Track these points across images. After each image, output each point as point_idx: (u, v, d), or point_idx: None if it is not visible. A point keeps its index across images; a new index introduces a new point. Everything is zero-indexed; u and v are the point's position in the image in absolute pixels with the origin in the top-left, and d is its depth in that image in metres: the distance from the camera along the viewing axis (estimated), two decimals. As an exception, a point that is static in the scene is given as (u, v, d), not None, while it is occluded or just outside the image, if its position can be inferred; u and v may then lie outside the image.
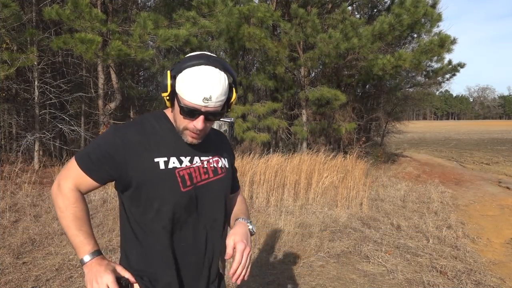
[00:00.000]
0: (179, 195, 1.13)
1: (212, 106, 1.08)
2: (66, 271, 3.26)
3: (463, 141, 24.39)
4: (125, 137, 1.12)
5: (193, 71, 1.06)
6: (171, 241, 1.16)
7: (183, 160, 1.17)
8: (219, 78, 1.08)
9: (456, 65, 11.10)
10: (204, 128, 1.13)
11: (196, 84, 1.05)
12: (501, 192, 7.85)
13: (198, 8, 7.66)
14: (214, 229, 1.24)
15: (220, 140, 1.36)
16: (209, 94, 1.05)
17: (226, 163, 1.30)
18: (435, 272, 3.56)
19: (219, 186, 1.24)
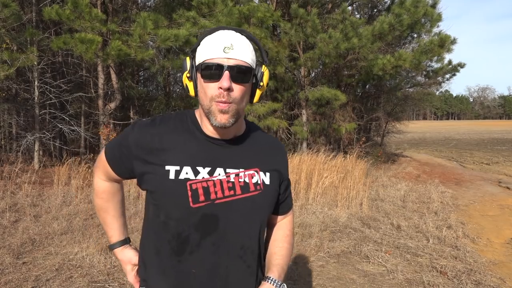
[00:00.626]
0: (186, 211, 0.96)
1: (236, 58, 0.91)
2: (66, 271, 3.26)
3: (463, 141, 24.39)
4: (139, 136, 1.01)
5: (210, 36, 0.95)
6: (176, 262, 0.99)
7: (199, 171, 0.97)
8: (240, 35, 0.95)
9: (456, 65, 11.11)
10: (234, 95, 0.92)
11: (214, 39, 0.93)
12: (501, 192, 7.85)
13: (198, 8, 7.66)
14: (241, 258, 1.01)
15: (269, 148, 1.11)
16: (229, 42, 0.91)
17: (266, 178, 1.05)
18: (435, 272, 3.56)
19: (250, 206, 1.00)
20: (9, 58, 6.64)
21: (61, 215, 4.76)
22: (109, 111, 8.10)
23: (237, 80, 0.92)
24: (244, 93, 0.95)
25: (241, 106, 0.96)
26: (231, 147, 1.03)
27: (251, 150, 1.06)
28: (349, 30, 8.22)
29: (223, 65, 0.90)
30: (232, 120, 0.94)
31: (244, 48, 0.93)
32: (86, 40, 6.22)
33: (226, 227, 0.98)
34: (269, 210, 1.07)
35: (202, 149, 1.00)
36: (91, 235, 4.08)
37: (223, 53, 0.90)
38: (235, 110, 0.94)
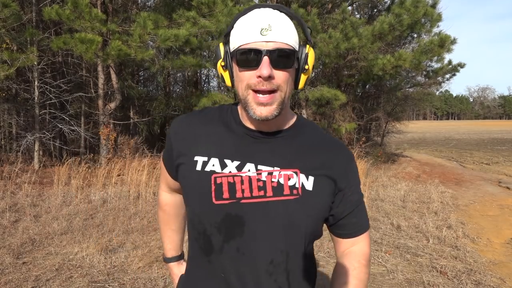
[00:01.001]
0: (207, 207, 0.86)
1: (275, 40, 0.78)
2: (66, 271, 3.26)
3: (463, 141, 24.39)
4: (176, 127, 0.96)
5: (244, 17, 0.83)
6: (206, 262, 0.90)
7: (227, 164, 0.86)
8: (279, 13, 0.82)
9: (456, 65, 11.11)
10: (276, 82, 0.79)
11: (248, 20, 0.80)
12: (501, 192, 7.85)
13: (198, 8, 7.66)
14: (270, 276, 0.85)
15: (321, 148, 0.92)
16: (267, 22, 0.78)
17: (308, 183, 0.86)
18: (435, 272, 3.56)
19: (282, 213, 0.84)
20: (9, 58, 6.64)
21: (61, 215, 4.76)
22: (109, 111, 8.10)
23: (279, 66, 0.79)
24: (288, 79, 0.82)
25: (286, 95, 0.83)
26: (269, 141, 0.89)
27: (294, 147, 0.89)
28: (349, 30, 8.23)
29: (261, 50, 0.77)
30: (276, 113, 0.82)
31: (285, 27, 0.80)
32: (86, 40, 6.22)
33: (253, 232, 0.84)
34: (308, 223, 0.87)
35: (234, 141, 0.89)
36: (91, 235, 4.08)
37: (261, 35, 0.78)
38: (279, 101, 0.81)
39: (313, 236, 0.91)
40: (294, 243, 0.86)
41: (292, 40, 0.81)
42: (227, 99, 8.99)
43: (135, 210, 5.13)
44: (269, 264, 0.85)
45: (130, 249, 3.80)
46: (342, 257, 0.95)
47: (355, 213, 0.93)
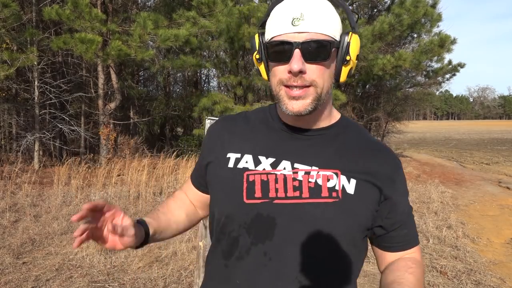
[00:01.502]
0: (237, 207, 0.79)
1: (307, 30, 0.71)
2: (66, 271, 3.26)
3: (463, 141, 24.39)
4: (210, 128, 0.93)
5: (279, 5, 0.77)
6: (223, 266, 0.82)
7: (261, 161, 0.81)
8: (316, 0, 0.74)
9: (456, 65, 11.11)
10: (309, 77, 0.73)
11: (281, 9, 0.74)
12: (501, 192, 7.85)
13: (198, 8, 7.66)
14: (299, 284, 0.76)
15: (365, 150, 0.83)
16: (299, 11, 0.71)
17: (350, 186, 0.78)
18: (435, 272, 3.56)
19: (318, 217, 0.76)
20: (9, 58, 6.64)
21: (61, 215, 4.76)
22: (109, 111, 8.11)
23: (312, 59, 0.72)
24: (324, 72, 0.75)
25: (322, 90, 0.76)
26: (308, 138, 0.82)
27: (336, 147, 0.82)
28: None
29: (292, 42, 0.71)
30: (310, 108, 0.75)
31: (320, 15, 0.72)
32: (86, 40, 6.22)
33: (284, 236, 0.76)
34: (348, 229, 0.78)
35: (270, 137, 0.84)
36: (91, 235, 4.08)
37: (292, 26, 0.71)
38: (313, 96, 0.75)
39: (352, 246, 0.80)
40: (327, 249, 0.77)
41: (329, 29, 0.74)
42: (227, 99, 8.99)
43: (135, 210, 5.13)
44: (299, 272, 0.76)
45: (130, 249, 3.79)
46: (392, 263, 0.84)
47: (406, 224, 0.84)
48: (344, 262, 0.79)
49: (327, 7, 0.75)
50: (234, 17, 7.84)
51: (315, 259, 0.77)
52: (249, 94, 11.00)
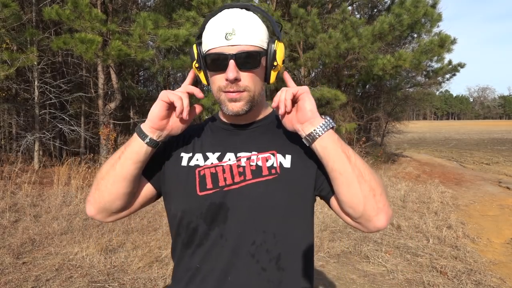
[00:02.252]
0: (192, 200, 0.88)
1: (239, 43, 0.82)
2: (66, 271, 3.26)
3: (463, 141, 24.39)
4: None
5: (213, 19, 0.87)
6: (187, 256, 0.91)
7: (209, 157, 0.92)
8: (245, 14, 0.85)
9: (456, 65, 11.11)
10: (243, 84, 0.85)
11: (215, 24, 0.84)
12: (501, 192, 7.85)
13: (198, 8, 7.65)
14: (253, 257, 0.85)
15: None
16: (231, 27, 0.82)
17: (286, 161, 0.89)
18: (435, 272, 3.56)
19: (261, 192, 0.86)
20: (9, 58, 6.64)
21: (61, 215, 4.76)
22: (109, 111, 8.10)
23: (245, 67, 0.84)
24: (255, 78, 0.87)
25: (254, 93, 0.88)
26: (245, 132, 0.95)
27: (270, 133, 0.94)
28: (349, 30, 8.22)
29: (227, 54, 0.82)
30: (246, 108, 0.87)
31: (249, 29, 0.83)
32: (86, 40, 6.22)
33: (235, 217, 0.86)
34: (292, 199, 0.87)
35: (214, 135, 0.96)
36: (91, 235, 4.08)
37: (225, 40, 0.82)
38: (248, 98, 0.87)
39: (299, 214, 0.89)
40: (276, 222, 0.86)
41: (257, 40, 0.84)
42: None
43: (135, 210, 5.13)
44: (251, 245, 0.85)
45: (130, 249, 3.80)
46: None
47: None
48: (291, 230, 0.88)
49: (255, 21, 0.86)
50: (234, 17, 7.84)
51: (264, 232, 0.85)
52: (249, 94, 10.99)
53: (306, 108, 0.82)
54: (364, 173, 0.81)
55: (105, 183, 0.90)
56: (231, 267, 0.86)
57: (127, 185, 0.90)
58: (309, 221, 0.92)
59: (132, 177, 0.89)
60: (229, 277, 0.86)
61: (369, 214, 0.81)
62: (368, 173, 0.81)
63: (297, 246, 0.90)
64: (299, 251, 0.90)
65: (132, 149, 0.89)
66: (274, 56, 0.87)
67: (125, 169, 0.88)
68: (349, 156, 0.81)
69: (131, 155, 0.88)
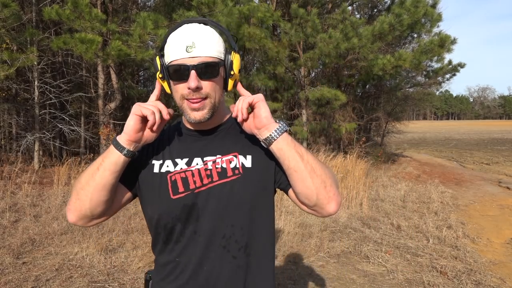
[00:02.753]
0: (167, 204, 0.98)
1: (199, 55, 0.90)
2: (66, 271, 3.26)
3: (463, 141, 24.39)
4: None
5: (174, 33, 0.95)
6: (167, 252, 1.02)
7: (178, 163, 1.01)
8: (204, 28, 0.94)
9: (456, 65, 11.11)
10: (204, 91, 0.93)
11: (176, 38, 0.93)
12: (501, 192, 7.85)
13: (198, 8, 7.65)
14: (224, 248, 0.97)
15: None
16: (191, 40, 0.90)
17: (247, 161, 1.00)
18: (435, 272, 3.56)
19: (228, 192, 0.97)
20: (9, 58, 6.64)
21: (61, 215, 4.76)
22: (109, 111, 8.10)
23: (205, 77, 0.92)
24: (215, 86, 0.96)
25: (215, 100, 0.96)
26: (209, 137, 1.04)
27: (231, 137, 1.04)
28: (349, 30, 8.22)
29: (188, 65, 0.90)
30: (208, 116, 0.96)
31: (208, 42, 0.92)
32: (86, 40, 6.22)
33: (206, 215, 0.97)
34: (254, 195, 0.99)
35: (181, 142, 1.04)
36: (91, 235, 4.08)
37: (186, 52, 0.90)
38: (210, 105, 0.96)
39: (261, 207, 1.01)
40: (242, 216, 0.98)
41: (215, 52, 0.93)
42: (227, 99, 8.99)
43: (135, 210, 5.13)
44: (222, 238, 0.97)
45: (130, 249, 3.80)
46: None
47: None
48: (256, 222, 1.00)
49: (213, 34, 0.94)
50: (234, 17, 7.83)
51: (232, 225, 0.97)
52: (249, 94, 10.99)
53: (261, 115, 0.92)
54: (315, 169, 0.93)
55: (85, 192, 0.96)
56: (205, 258, 0.97)
57: (106, 193, 0.96)
58: (270, 211, 1.05)
59: (111, 186, 0.96)
60: (205, 266, 0.98)
61: (322, 203, 0.94)
62: (319, 168, 0.93)
63: (261, 234, 1.02)
64: (262, 238, 1.02)
65: (110, 160, 0.94)
66: (231, 66, 0.97)
67: (104, 179, 0.94)
68: (301, 155, 0.92)
69: (109, 166, 0.94)
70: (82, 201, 0.96)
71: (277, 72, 9.48)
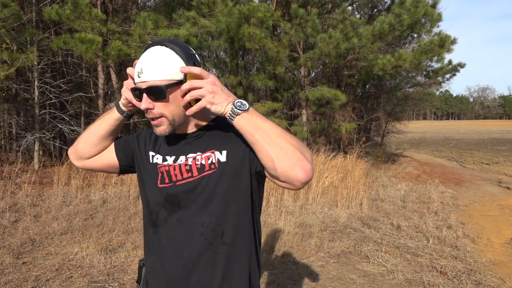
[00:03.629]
0: (154, 190, 1.14)
1: (146, 80, 1.00)
2: (66, 271, 3.26)
3: (463, 141, 24.39)
4: (141, 133, 1.27)
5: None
6: (153, 233, 1.15)
7: (167, 159, 1.14)
8: (156, 51, 1.01)
9: (456, 65, 11.11)
10: (157, 111, 1.03)
11: (136, 63, 1.06)
12: (501, 192, 7.85)
13: (198, 8, 7.65)
14: (201, 235, 1.07)
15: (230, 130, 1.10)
16: (140, 67, 1.01)
17: (222, 156, 1.08)
18: (435, 272, 3.56)
19: (205, 185, 1.07)
20: (9, 58, 6.64)
21: (61, 215, 4.76)
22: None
23: (155, 98, 1.01)
24: (168, 106, 1.03)
25: (173, 117, 1.05)
26: (192, 137, 1.14)
27: (211, 136, 1.13)
28: (349, 30, 8.22)
29: (140, 89, 1.02)
30: (168, 130, 1.06)
31: (155, 66, 0.99)
32: (86, 40, 6.22)
33: (187, 205, 1.08)
34: (229, 187, 1.07)
35: (170, 142, 1.16)
36: (91, 235, 4.08)
37: (138, 78, 1.01)
38: (167, 122, 1.05)
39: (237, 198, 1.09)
40: (217, 206, 1.07)
41: (165, 74, 0.99)
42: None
43: (135, 210, 5.13)
44: (200, 227, 1.07)
45: (130, 249, 3.80)
46: None
47: None
48: (231, 211, 1.08)
49: (164, 57, 1.00)
50: (234, 17, 7.84)
51: (210, 215, 1.07)
52: (249, 94, 11.00)
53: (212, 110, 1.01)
54: (272, 137, 0.96)
55: (85, 134, 1.23)
56: (186, 244, 1.08)
57: (98, 139, 1.21)
58: (247, 201, 1.11)
59: (105, 134, 1.20)
60: (185, 252, 1.08)
61: (285, 170, 0.95)
62: (276, 136, 0.96)
63: (237, 223, 1.10)
64: (239, 226, 1.10)
65: (111, 116, 1.19)
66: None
67: (101, 128, 1.20)
68: (257, 127, 0.96)
69: (109, 120, 1.19)
70: (80, 140, 1.24)
71: (277, 72, 9.48)
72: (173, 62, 1.00)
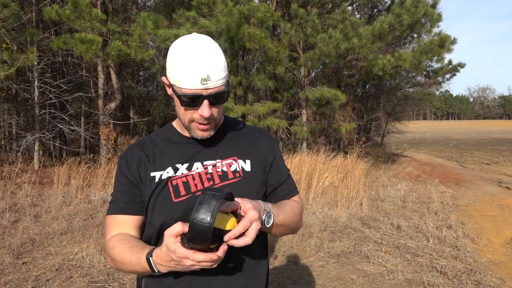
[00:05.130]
0: (169, 206, 0.99)
1: (213, 87, 0.92)
2: (66, 271, 3.26)
3: (463, 141, 24.39)
4: (127, 158, 1.07)
5: (185, 61, 0.92)
6: None
7: (178, 168, 1.03)
8: (214, 50, 0.93)
9: (456, 65, 11.11)
10: (213, 116, 0.98)
11: (188, 64, 0.91)
12: (501, 192, 7.85)
13: (198, 8, 7.65)
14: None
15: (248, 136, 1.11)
16: (206, 73, 0.90)
17: (246, 165, 1.05)
18: (435, 272, 3.56)
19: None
20: (9, 58, 6.64)
21: (61, 215, 4.76)
22: (109, 111, 8.10)
23: (217, 103, 0.97)
24: (221, 109, 1.02)
25: (220, 119, 1.04)
26: (206, 142, 1.06)
27: (228, 141, 1.08)
28: (349, 30, 8.22)
29: (203, 95, 0.93)
30: (213, 133, 1.02)
31: (220, 71, 0.93)
32: (86, 40, 6.22)
33: None
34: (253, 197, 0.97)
35: (179, 149, 1.06)
36: (91, 235, 4.08)
37: (201, 84, 0.91)
38: (214, 125, 1.02)
39: None
40: None
41: (225, 79, 0.95)
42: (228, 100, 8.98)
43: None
44: None
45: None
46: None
47: (288, 181, 1.15)
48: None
49: (222, 60, 0.94)
50: (234, 17, 7.83)
51: None
52: (249, 94, 11.00)
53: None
54: (289, 224, 1.03)
55: (118, 265, 1.00)
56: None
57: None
58: None
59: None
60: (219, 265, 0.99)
61: (295, 231, 1.14)
62: (291, 222, 1.05)
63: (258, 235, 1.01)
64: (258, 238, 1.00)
65: (144, 271, 0.93)
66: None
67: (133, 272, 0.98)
68: (277, 225, 0.98)
69: (141, 272, 0.95)
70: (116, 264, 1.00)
71: (277, 72, 9.48)
72: (226, 64, 0.96)
